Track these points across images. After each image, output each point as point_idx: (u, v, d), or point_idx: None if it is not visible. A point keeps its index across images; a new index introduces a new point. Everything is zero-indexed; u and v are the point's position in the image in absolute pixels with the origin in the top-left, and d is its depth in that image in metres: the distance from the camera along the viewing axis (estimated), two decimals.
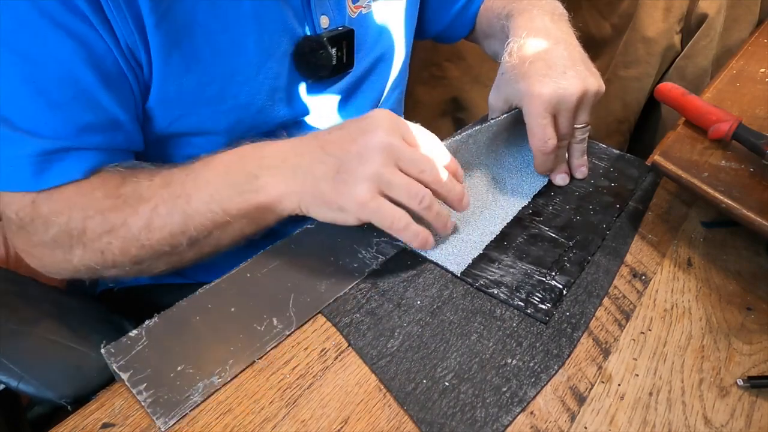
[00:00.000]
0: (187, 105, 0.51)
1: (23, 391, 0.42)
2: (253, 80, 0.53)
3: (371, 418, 0.37)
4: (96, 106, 0.46)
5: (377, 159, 0.43)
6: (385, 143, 0.44)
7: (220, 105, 0.52)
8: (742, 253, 0.54)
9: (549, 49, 0.56)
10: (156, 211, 0.46)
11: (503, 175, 0.60)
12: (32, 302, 0.48)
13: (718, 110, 0.58)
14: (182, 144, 0.56)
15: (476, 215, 0.54)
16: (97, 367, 0.44)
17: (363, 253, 0.49)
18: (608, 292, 0.48)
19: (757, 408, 0.41)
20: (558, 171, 0.59)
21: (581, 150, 0.60)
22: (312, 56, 0.56)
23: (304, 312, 0.43)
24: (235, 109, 0.54)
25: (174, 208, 0.46)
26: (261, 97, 0.55)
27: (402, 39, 0.70)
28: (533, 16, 0.60)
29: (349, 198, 0.43)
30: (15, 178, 0.45)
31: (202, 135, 0.55)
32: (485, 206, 0.55)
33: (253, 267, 0.47)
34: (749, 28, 1.00)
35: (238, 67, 0.52)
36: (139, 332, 0.40)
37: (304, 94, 0.60)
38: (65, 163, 0.46)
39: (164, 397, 0.36)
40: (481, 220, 0.53)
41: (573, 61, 0.55)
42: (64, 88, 0.44)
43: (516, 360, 0.41)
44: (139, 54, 0.47)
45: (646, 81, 1.04)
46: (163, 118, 0.52)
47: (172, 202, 0.46)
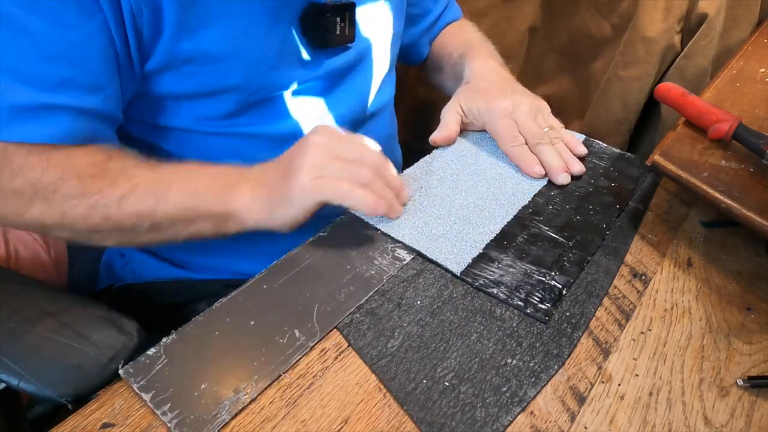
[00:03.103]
0: (200, 61, 0.53)
1: (24, 389, 0.42)
2: (262, 39, 0.55)
3: (371, 418, 0.37)
4: (78, 64, 0.47)
5: (314, 152, 0.48)
6: (320, 141, 0.49)
7: (231, 61, 0.54)
8: (742, 253, 0.54)
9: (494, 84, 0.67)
10: (134, 189, 0.49)
11: (503, 175, 0.60)
12: (32, 301, 0.48)
13: (718, 110, 0.58)
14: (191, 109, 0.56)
15: (476, 214, 0.54)
16: (98, 366, 0.44)
17: (379, 259, 0.48)
18: (608, 292, 0.48)
19: (757, 408, 0.41)
20: (558, 170, 0.60)
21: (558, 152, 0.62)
22: (318, 20, 0.58)
23: (326, 322, 0.43)
24: (245, 65, 0.55)
25: (150, 191, 0.49)
26: (270, 56, 0.57)
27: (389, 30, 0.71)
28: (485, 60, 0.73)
29: (294, 187, 0.47)
30: None
31: (211, 96, 0.56)
32: (485, 206, 0.55)
33: (269, 278, 0.46)
34: (749, 28, 1.00)
35: (248, 27, 0.54)
36: (157, 350, 0.39)
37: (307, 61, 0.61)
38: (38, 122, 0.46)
39: (190, 417, 0.36)
40: (480, 220, 0.53)
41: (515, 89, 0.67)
42: (50, 43, 0.45)
43: (516, 360, 0.41)
44: (141, 20, 0.48)
45: (646, 81, 1.04)
46: (174, 77, 0.53)
47: (151, 185, 0.49)
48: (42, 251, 0.74)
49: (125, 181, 0.49)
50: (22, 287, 0.51)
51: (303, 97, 0.63)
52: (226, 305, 0.43)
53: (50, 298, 0.49)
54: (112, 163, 0.50)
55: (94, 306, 0.49)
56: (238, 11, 0.52)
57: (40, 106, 0.46)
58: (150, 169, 0.50)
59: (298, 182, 0.47)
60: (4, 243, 0.70)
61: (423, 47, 0.86)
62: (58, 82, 0.46)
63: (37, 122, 0.46)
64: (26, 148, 0.47)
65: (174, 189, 0.49)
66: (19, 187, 0.47)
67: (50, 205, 0.48)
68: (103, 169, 0.49)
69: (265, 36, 0.55)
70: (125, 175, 0.49)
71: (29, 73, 0.46)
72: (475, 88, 0.67)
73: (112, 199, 0.48)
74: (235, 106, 0.57)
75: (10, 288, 0.50)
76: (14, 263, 0.70)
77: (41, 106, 0.46)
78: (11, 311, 0.46)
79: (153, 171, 0.50)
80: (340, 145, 0.49)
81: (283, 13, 0.56)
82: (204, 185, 0.50)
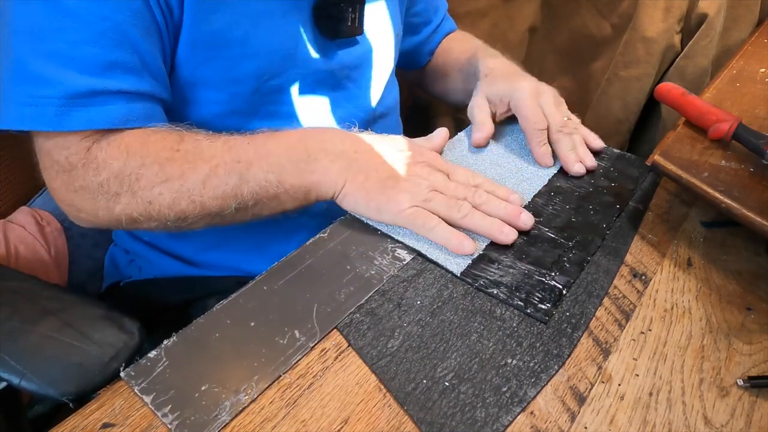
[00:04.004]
0: (215, 46, 0.53)
1: (25, 388, 0.42)
2: (277, 27, 0.56)
3: (371, 418, 0.37)
4: (124, 43, 0.47)
5: (423, 183, 0.51)
6: (432, 176, 0.52)
7: (246, 48, 0.55)
8: (742, 253, 0.54)
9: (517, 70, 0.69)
10: (215, 171, 0.49)
11: (503, 175, 0.60)
12: (34, 300, 0.48)
13: (718, 110, 0.58)
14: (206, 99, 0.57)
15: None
16: (99, 365, 0.44)
17: (379, 259, 0.48)
18: (608, 292, 0.48)
19: (757, 408, 0.41)
20: (574, 161, 0.61)
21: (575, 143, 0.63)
22: (330, 9, 0.59)
23: (326, 322, 0.43)
24: (259, 54, 0.56)
25: (232, 171, 0.49)
26: (285, 45, 0.58)
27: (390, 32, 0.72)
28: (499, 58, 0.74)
29: (391, 203, 0.50)
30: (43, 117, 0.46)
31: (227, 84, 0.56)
32: None
33: (269, 279, 0.46)
34: (749, 28, 1.00)
35: (263, 13, 0.55)
36: (158, 353, 0.39)
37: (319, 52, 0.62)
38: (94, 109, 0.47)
39: (191, 419, 0.36)
40: None
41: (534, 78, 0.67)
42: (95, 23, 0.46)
43: (516, 360, 0.41)
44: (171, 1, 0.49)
45: (646, 81, 1.04)
46: (191, 62, 0.53)
47: (231, 165, 0.49)
48: (42, 250, 0.74)
49: (204, 163, 0.49)
50: (22, 286, 0.51)
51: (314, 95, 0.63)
52: (226, 307, 0.43)
53: (51, 297, 0.49)
54: (185, 144, 0.50)
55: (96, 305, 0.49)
56: None
57: (94, 92, 0.47)
58: (226, 148, 0.50)
59: (397, 201, 0.49)
60: (5, 242, 0.70)
61: (422, 54, 0.89)
62: (108, 63, 0.47)
63: (93, 109, 0.47)
64: (106, 141, 0.48)
65: (255, 166, 0.49)
66: (105, 181, 0.48)
67: (135, 195, 0.48)
68: (178, 151, 0.49)
69: (279, 23, 0.56)
70: (202, 156, 0.49)
71: (78, 55, 0.46)
72: (496, 76, 0.68)
73: (196, 182, 0.48)
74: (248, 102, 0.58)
75: (11, 286, 0.50)
76: (14, 262, 0.70)
77: (95, 92, 0.47)
78: (12, 310, 0.46)
79: (229, 150, 0.50)
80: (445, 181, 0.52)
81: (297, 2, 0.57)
82: (284, 159, 0.50)
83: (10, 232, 0.72)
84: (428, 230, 0.49)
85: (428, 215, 0.49)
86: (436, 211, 0.50)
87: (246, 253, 0.65)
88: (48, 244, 0.74)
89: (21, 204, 0.77)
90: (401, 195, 0.50)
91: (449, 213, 0.50)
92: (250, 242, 0.64)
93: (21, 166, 0.76)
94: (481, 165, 0.61)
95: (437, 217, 0.49)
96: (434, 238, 0.49)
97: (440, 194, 0.51)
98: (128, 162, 0.48)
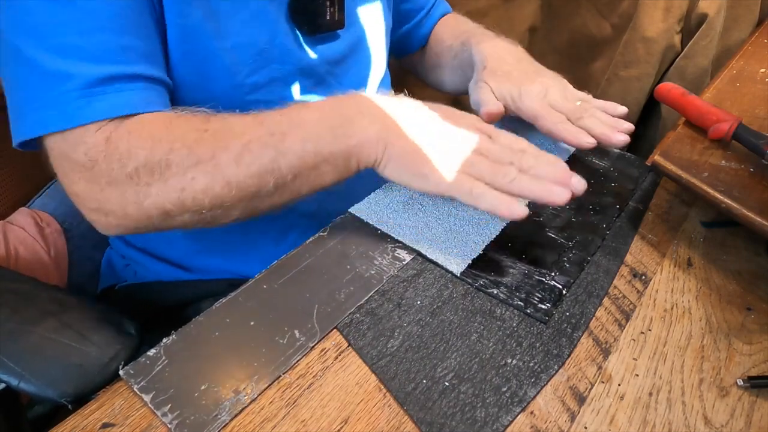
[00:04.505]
0: (195, 38, 0.51)
1: (24, 389, 0.42)
2: (253, 20, 0.54)
3: (371, 418, 0.37)
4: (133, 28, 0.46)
5: (467, 148, 0.48)
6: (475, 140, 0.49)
7: (223, 41, 0.53)
8: (742, 253, 0.54)
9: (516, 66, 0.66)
10: (248, 147, 0.46)
11: None
12: (33, 301, 0.48)
13: (718, 110, 0.58)
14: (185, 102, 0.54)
15: (476, 215, 0.54)
16: (98, 366, 0.44)
17: (379, 259, 0.48)
18: (608, 292, 0.48)
19: (757, 408, 0.41)
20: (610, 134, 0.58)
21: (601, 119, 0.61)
22: (307, 3, 0.58)
23: (326, 322, 0.43)
24: (237, 48, 0.54)
25: (267, 145, 0.46)
26: (261, 38, 0.56)
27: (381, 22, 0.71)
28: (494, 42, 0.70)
29: (434, 171, 0.47)
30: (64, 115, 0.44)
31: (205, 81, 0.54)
32: None
33: (268, 278, 0.46)
34: (749, 28, 1.00)
35: (238, 6, 0.53)
36: (157, 351, 0.39)
37: (298, 47, 0.60)
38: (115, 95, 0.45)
39: (190, 418, 0.36)
40: (481, 220, 0.53)
41: (538, 71, 0.66)
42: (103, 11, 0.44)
43: (516, 360, 0.41)
44: None
45: (646, 81, 1.04)
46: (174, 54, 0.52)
47: (265, 139, 0.46)
48: (42, 251, 0.74)
49: (235, 140, 0.46)
50: (22, 287, 0.51)
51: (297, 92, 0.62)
52: (226, 306, 0.43)
53: (51, 298, 0.49)
54: (212, 124, 0.47)
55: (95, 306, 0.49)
56: None
57: (112, 77, 0.45)
58: (256, 122, 0.48)
59: (440, 170, 0.47)
60: (4, 243, 0.70)
61: (414, 40, 0.86)
62: (121, 47, 0.46)
63: (114, 95, 0.45)
64: (125, 129, 0.46)
65: (289, 137, 0.47)
66: (133, 171, 0.45)
67: (167, 183, 0.45)
68: (206, 131, 0.46)
69: (254, 16, 0.54)
70: (232, 133, 0.47)
71: (91, 44, 0.44)
72: (498, 72, 0.65)
73: (229, 161, 0.45)
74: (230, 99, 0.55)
75: (10, 288, 0.50)
76: (14, 263, 0.70)
77: (112, 78, 0.45)
78: (11, 311, 0.46)
79: (260, 124, 0.47)
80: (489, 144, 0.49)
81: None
82: (320, 126, 0.48)
83: (9, 234, 0.72)
84: (475, 197, 0.46)
85: (474, 181, 0.47)
86: (480, 176, 0.47)
87: (237, 255, 0.64)
88: (47, 245, 0.74)
89: (20, 205, 0.77)
90: (444, 159, 0.47)
91: (495, 178, 0.47)
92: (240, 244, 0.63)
93: (21, 167, 0.76)
94: None
95: (483, 183, 0.47)
96: (481, 205, 0.46)
97: (484, 158, 0.48)
98: (155, 149, 0.45)
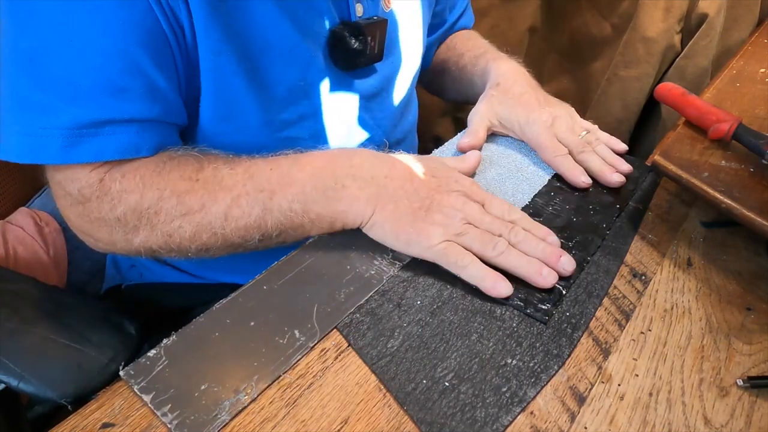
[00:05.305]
0: (224, 77, 0.50)
1: (24, 390, 0.42)
2: (286, 56, 0.53)
3: (371, 418, 0.37)
4: (133, 68, 0.44)
5: (456, 216, 0.48)
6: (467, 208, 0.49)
7: (254, 78, 0.52)
8: (742, 253, 0.54)
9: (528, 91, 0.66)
10: (237, 201, 0.46)
11: (503, 175, 0.60)
12: (33, 302, 0.48)
13: (718, 110, 0.58)
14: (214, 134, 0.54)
15: None
16: (98, 367, 0.44)
17: (379, 259, 0.48)
18: (608, 292, 0.48)
19: (757, 408, 0.41)
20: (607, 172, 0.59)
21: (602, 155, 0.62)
22: (348, 41, 0.56)
23: (326, 322, 0.43)
24: (268, 85, 0.53)
25: (255, 201, 0.46)
26: (292, 74, 0.55)
27: (419, 48, 0.70)
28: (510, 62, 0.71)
29: (422, 237, 0.46)
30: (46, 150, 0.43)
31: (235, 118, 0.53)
32: None
33: (268, 279, 0.46)
34: (749, 28, 1.00)
35: (274, 42, 0.52)
36: (157, 352, 0.39)
37: (332, 84, 0.59)
38: (101, 139, 0.44)
39: (190, 418, 0.36)
40: None
41: (547, 98, 0.67)
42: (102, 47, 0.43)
43: (516, 360, 0.41)
44: (181, 14, 0.45)
45: (646, 81, 1.04)
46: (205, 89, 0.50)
47: (254, 195, 0.46)
48: (41, 251, 0.74)
49: (225, 193, 0.46)
50: (22, 287, 0.51)
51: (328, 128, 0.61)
52: (226, 306, 0.43)
53: (50, 299, 0.49)
54: (204, 173, 0.47)
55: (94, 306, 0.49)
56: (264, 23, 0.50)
57: (100, 122, 0.44)
58: (247, 176, 0.47)
59: (429, 235, 0.46)
60: (3, 243, 0.70)
61: (430, 56, 0.85)
62: (115, 89, 0.44)
63: (100, 139, 0.44)
64: (119, 173, 0.46)
65: (278, 195, 0.47)
66: (122, 215, 0.46)
67: (155, 229, 0.46)
68: (197, 181, 0.47)
69: (289, 53, 0.53)
70: (222, 186, 0.47)
71: (83, 82, 0.43)
72: (509, 93, 0.65)
73: (217, 215, 0.46)
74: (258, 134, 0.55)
75: (9, 288, 0.50)
76: (13, 263, 0.70)
77: (101, 122, 0.44)
78: (11, 311, 0.46)
79: (251, 177, 0.47)
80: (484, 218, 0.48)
81: (311, 29, 0.54)
82: (309, 186, 0.47)
83: (9, 233, 0.72)
84: (461, 268, 0.46)
85: (461, 251, 0.46)
86: (469, 246, 0.46)
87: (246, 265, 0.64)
88: (47, 245, 0.74)
89: (20, 205, 0.77)
90: (432, 228, 0.47)
91: (484, 249, 0.46)
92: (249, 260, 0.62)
93: (20, 167, 0.76)
94: (481, 165, 0.61)
95: (471, 254, 0.46)
96: (467, 276, 0.46)
97: (474, 228, 0.47)
98: (145, 195, 0.45)
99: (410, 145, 0.77)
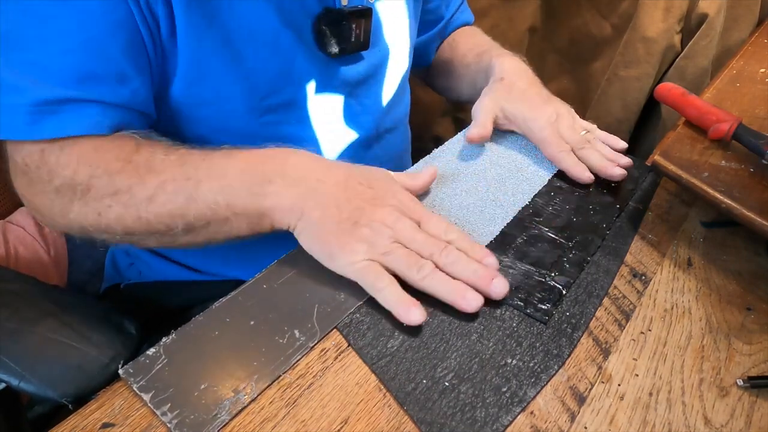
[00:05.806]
0: (206, 65, 0.51)
1: (24, 390, 0.42)
2: (271, 45, 0.53)
3: (371, 418, 0.37)
4: (102, 55, 0.46)
5: (385, 233, 0.45)
6: (399, 224, 0.46)
7: (238, 66, 0.52)
8: (742, 253, 0.54)
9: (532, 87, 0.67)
10: (162, 187, 0.46)
11: (503, 175, 0.60)
12: (33, 301, 0.48)
13: (718, 110, 0.58)
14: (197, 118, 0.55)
15: (476, 215, 0.54)
16: (99, 366, 0.44)
17: None
18: (608, 292, 0.48)
19: (757, 408, 0.41)
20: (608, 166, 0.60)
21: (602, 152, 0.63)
22: (333, 27, 0.56)
23: (326, 322, 0.42)
24: (252, 73, 0.53)
25: (181, 189, 0.46)
26: (277, 62, 0.55)
27: (406, 40, 0.70)
28: (513, 59, 0.72)
29: (345, 252, 0.44)
30: (12, 126, 0.45)
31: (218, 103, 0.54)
32: (485, 207, 0.55)
33: (268, 278, 0.46)
34: (749, 28, 1.00)
35: (257, 29, 0.52)
36: (156, 350, 0.39)
37: (317, 71, 0.59)
38: (64, 116, 0.45)
39: (190, 417, 0.35)
40: (481, 221, 0.53)
41: (549, 96, 0.68)
42: (73, 33, 0.44)
43: (516, 360, 0.41)
44: (157, 7, 0.46)
45: (646, 81, 1.04)
46: (182, 80, 0.51)
47: (181, 183, 0.46)
48: (42, 251, 0.74)
49: (153, 177, 0.46)
50: (22, 287, 0.51)
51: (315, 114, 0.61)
52: (225, 305, 0.43)
53: (51, 298, 0.49)
54: (139, 155, 0.47)
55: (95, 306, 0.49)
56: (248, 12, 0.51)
57: (65, 99, 0.45)
58: (179, 163, 0.47)
59: (351, 254, 0.44)
60: (4, 242, 0.70)
61: (430, 52, 0.85)
62: (82, 75, 0.45)
63: (63, 116, 0.45)
64: (58, 145, 0.46)
65: (204, 185, 0.46)
66: (59, 187, 0.46)
67: (86, 205, 0.46)
68: (130, 163, 0.46)
69: (273, 39, 0.53)
70: (153, 170, 0.46)
71: (52, 66, 0.44)
72: (513, 88, 0.66)
73: (142, 198, 0.46)
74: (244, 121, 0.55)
75: (10, 287, 0.50)
76: (14, 263, 0.70)
77: (66, 100, 0.45)
78: (12, 311, 0.46)
79: (182, 165, 0.47)
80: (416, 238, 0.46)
81: (296, 17, 0.55)
82: (237, 180, 0.46)
83: (9, 233, 0.72)
84: (377, 291, 0.43)
85: (379, 273, 0.43)
86: (393, 267, 0.44)
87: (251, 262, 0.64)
88: (47, 244, 0.75)
89: (20, 205, 0.77)
90: (357, 244, 0.44)
91: (408, 272, 0.44)
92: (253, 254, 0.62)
93: None
94: (481, 165, 0.61)
95: (389, 277, 0.44)
96: (381, 300, 0.43)
97: (402, 248, 0.45)
98: (78, 170, 0.46)
99: (402, 135, 0.78)
